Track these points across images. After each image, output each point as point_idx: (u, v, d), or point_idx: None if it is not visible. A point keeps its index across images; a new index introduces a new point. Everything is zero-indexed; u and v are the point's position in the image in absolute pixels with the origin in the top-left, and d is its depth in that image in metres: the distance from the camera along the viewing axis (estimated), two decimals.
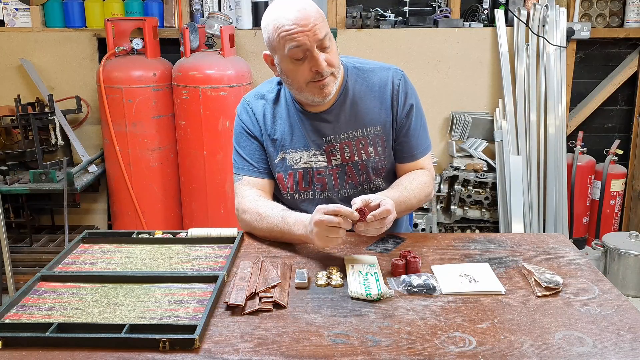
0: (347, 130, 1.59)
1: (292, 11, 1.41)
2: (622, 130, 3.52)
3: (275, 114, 1.63)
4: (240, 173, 1.64)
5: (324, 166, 1.61)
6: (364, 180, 1.63)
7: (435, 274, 1.33)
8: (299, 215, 1.46)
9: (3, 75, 3.32)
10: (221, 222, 2.99)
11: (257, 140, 1.64)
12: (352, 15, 3.22)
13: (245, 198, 1.59)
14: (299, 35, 1.40)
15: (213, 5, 3.26)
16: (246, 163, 1.64)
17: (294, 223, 1.45)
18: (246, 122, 1.64)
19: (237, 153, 1.66)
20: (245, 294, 1.20)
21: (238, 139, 1.66)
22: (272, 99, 1.64)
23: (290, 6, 1.42)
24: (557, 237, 1.56)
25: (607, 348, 1.04)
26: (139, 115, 2.98)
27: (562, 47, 3.19)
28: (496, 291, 1.25)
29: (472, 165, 3.18)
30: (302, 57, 1.43)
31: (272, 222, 1.50)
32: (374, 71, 1.63)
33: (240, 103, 1.68)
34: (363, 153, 1.60)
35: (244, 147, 1.64)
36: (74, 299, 1.22)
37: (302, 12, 1.41)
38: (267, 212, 1.52)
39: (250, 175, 1.63)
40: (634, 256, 2.81)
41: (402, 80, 1.61)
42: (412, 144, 1.64)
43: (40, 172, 2.88)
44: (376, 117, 1.60)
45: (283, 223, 1.47)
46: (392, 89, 1.60)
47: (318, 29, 1.41)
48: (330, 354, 1.02)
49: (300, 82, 1.48)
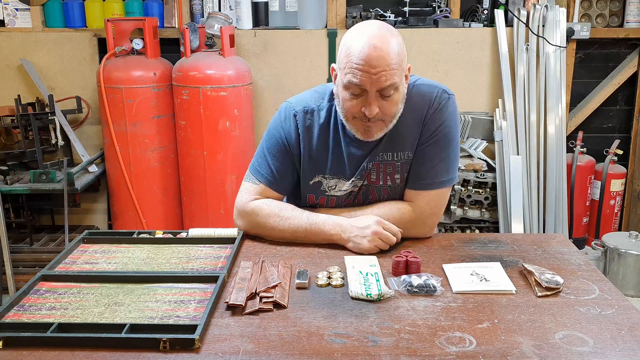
0: (381, 152, 1.53)
1: (369, 47, 1.34)
2: (622, 130, 3.52)
3: (321, 134, 1.54)
4: (260, 180, 1.57)
5: (355, 191, 1.58)
6: (382, 201, 1.59)
7: (446, 272, 1.33)
8: (329, 216, 1.50)
9: (3, 75, 3.32)
10: (221, 222, 2.99)
11: (291, 155, 1.56)
12: (352, 16, 3.22)
13: (258, 201, 1.55)
14: (362, 75, 1.34)
15: (213, 5, 3.26)
16: (272, 175, 1.57)
17: (324, 223, 1.49)
18: (288, 133, 1.55)
19: (266, 160, 1.57)
20: (245, 294, 1.20)
21: (272, 147, 1.57)
22: (322, 117, 1.54)
23: (371, 40, 1.34)
24: (557, 237, 1.56)
25: (607, 348, 1.04)
26: (139, 115, 2.98)
27: (562, 47, 3.19)
28: (507, 291, 1.24)
29: (472, 165, 3.18)
30: (357, 94, 1.39)
31: (296, 223, 1.49)
32: (420, 87, 1.52)
33: (284, 107, 1.58)
34: (389, 179, 1.55)
35: (275, 159, 1.56)
36: (75, 299, 1.22)
37: (378, 52, 1.33)
38: (288, 213, 1.51)
39: (270, 187, 1.57)
40: (634, 256, 2.81)
41: (443, 105, 1.50)
42: (420, 172, 1.53)
43: (41, 172, 2.88)
44: (410, 142, 1.52)
45: (310, 224, 1.49)
46: (428, 109, 1.50)
47: (385, 75, 1.34)
48: (331, 354, 1.02)
49: (348, 113, 1.43)
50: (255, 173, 1.59)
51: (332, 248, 1.48)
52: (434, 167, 1.52)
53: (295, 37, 3.26)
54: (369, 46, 1.34)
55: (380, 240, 1.43)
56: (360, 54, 1.34)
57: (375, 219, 1.45)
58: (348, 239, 1.46)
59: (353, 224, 1.47)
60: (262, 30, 3.26)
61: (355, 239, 1.45)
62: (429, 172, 1.52)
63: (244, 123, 3.01)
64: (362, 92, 1.38)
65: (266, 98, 3.35)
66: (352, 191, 1.58)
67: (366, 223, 1.45)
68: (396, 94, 1.40)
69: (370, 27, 1.39)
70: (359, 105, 1.40)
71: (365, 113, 1.39)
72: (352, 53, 1.36)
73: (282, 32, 3.27)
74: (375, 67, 1.33)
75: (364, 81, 1.35)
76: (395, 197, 1.58)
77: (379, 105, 1.39)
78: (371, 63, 1.33)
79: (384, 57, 1.34)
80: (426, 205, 1.53)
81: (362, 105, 1.39)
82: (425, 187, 1.53)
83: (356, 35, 1.38)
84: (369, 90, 1.36)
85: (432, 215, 1.54)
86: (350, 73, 1.36)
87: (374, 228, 1.43)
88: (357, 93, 1.38)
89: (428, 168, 1.52)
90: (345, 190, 1.57)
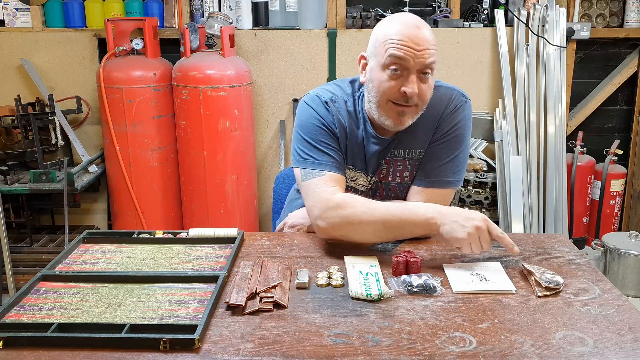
0: (393, 148, 1.53)
1: (411, 27, 1.37)
2: (622, 130, 3.52)
3: (350, 123, 1.53)
4: (321, 169, 1.48)
5: (368, 187, 1.59)
6: (389, 199, 1.60)
7: (446, 272, 1.33)
8: (420, 203, 1.44)
9: (3, 75, 3.32)
10: (221, 222, 2.99)
11: (336, 137, 1.52)
12: (352, 16, 3.23)
13: (337, 194, 1.43)
14: (407, 50, 1.35)
15: (213, 5, 3.27)
16: (330, 158, 1.49)
17: (417, 206, 1.40)
18: (325, 117, 1.51)
19: (315, 147, 1.50)
20: (245, 294, 1.20)
21: (313, 133, 1.50)
22: (349, 106, 1.53)
23: (410, 22, 1.39)
24: (558, 237, 1.56)
25: (607, 348, 1.04)
26: (139, 115, 2.98)
27: (562, 47, 3.19)
28: (507, 290, 1.24)
29: (472, 165, 3.18)
30: (398, 71, 1.38)
31: (386, 211, 1.38)
32: (439, 89, 1.52)
33: (311, 99, 1.55)
34: (398, 176, 1.55)
35: (323, 142, 1.50)
36: (75, 299, 1.22)
37: (420, 31, 1.37)
38: (373, 204, 1.40)
39: (335, 171, 1.49)
40: (634, 256, 2.81)
41: (459, 107, 1.50)
42: (427, 170, 1.52)
43: (41, 172, 2.88)
44: (422, 140, 1.52)
45: (402, 209, 1.38)
46: (445, 110, 1.50)
47: (428, 53, 1.36)
48: (331, 354, 1.02)
49: (384, 96, 1.41)
50: (316, 166, 1.49)
51: (332, 248, 1.48)
52: (441, 166, 1.52)
53: (295, 37, 3.26)
54: (410, 26, 1.37)
55: (478, 239, 1.31)
56: (403, 32, 1.36)
57: (484, 217, 1.34)
58: (445, 223, 1.34)
59: (457, 212, 1.35)
60: (262, 30, 3.26)
61: (454, 224, 1.32)
62: (435, 170, 1.53)
63: (244, 123, 3.01)
64: (402, 71, 1.37)
65: (266, 98, 3.35)
66: (367, 187, 1.58)
67: (473, 215, 1.34)
68: (432, 79, 1.41)
69: (406, 15, 1.43)
70: (398, 85, 1.39)
71: (406, 92, 1.37)
72: (392, 33, 1.37)
73: (282, 32, 3.27)
74: (418, 45, 1.35)
75: (408, 55, 1.35)
76: (402, 196, 1.58)
77: (418, 87, 1.38)
78: (415, 40, 1.35)
79: (426, 37, 1.37)
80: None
81: (400, 85, 1.38)
82: (430, 184, 1.53)
83: (391, 21, 1.41)
84: (411, 68, 1.36)
85: None
86: (393, 48, 1.36)
87: (479, 223, 1.31)
88: (398, 72, 1.37)
89: (435, 166, 1.52)
90: (364, 184, 1.57)
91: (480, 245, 1.32)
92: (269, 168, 3.45)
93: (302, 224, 1.61)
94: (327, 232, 1.44)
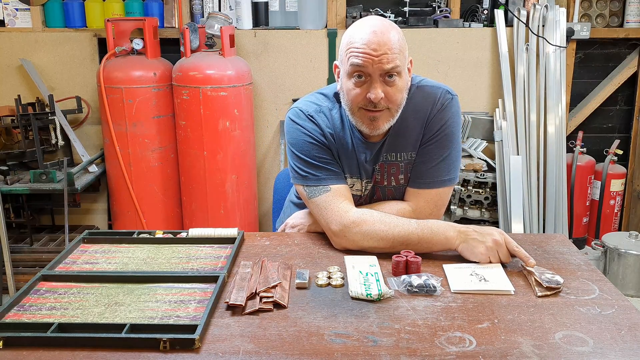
0: (384, 152, 1.53)
1: (369, 33, 1.37)
2: (621, 130, 3.52)
3: (339, 134, 1.53)
4: (324, 184, 1.49)
5: (366, 191, 1.59)
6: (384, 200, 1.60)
7: (446, 272, 1.33)
8: (438, 221, 1.43)
9: (3, 75, 3.32)
10: (221, 222, 2.99)
11: (328, 148, 1.53)
12: (352, 16, 3.22)
13: (352, 210, 1.45)
14: (364, 57, 1.36)
15: (213, 5, 3.26)
16: (329, 172, 1.51)
17: (437, 225, 1.40)
18: (313, 131, 1.51)
19: (312, 164, 1.51)
20: (245, 294, 1.20)
21: (306, 150, 1.51)
22: (334, 116, 1.53)
23: (370, 27, 1.38)
24: (558, 237, 1.56)
25: (607, 348, 1.04)
26: (139, 115, 2.98)
27: (561, 47, 3.19)
28: (505, 291, 1.24)
29: (472, 165, 3.18)
30: (362, 77, 1.39)
31: (406, 228, 1.40)
32: (424, 89, 1.53)
33: (293, 114, 1.55)
34: (393, 179, 1.56)
35: (318, 156, 1.51)
36: (75, 299, 1.22)
37: (378, 36, 1.36)
38: (391, 219, 1.42)
39: (337, 183, 1.50)
40: (634, 256, 2.81)
41: (446, 105, 1.50)
42: (421, 171, 1.53)
43: (41, 172, 2.88)
44: (413, 142, 1.52)
45: (421, 228, 1.40)
46: (432, 109, 1.50)
47: (387, 58, 1.35)
48: (331, 354, 1.02)
49: (353, 104, 1.43)
50: (317, 182, 1.50)
51: (332, 248, 1.48)
52: (435, 167, 1.52)
53: (295, 37, 3.26)
54: (370, 32, 1.37)
55: (497, 252, 1.35)
56: (362, 39, 1.37)
57: (500, 230, 1.38)
58: (463, 240, 1.37)
59: (473, 228, 1.39)
60: (262, 30, 3.26)
61: (473, 242, 1.36)
62: (429, 171, 1.53)
63: (244, 123, 3.01)
64: (365, 77, 1.39)
65: (266, 98, 3.35)
66: (362, 192, 1.59)
67: (490, 230, 1.38)
68: (400, 81, 1.41)
69: (369, 19, 1.43)
70: (364, 92, 1.40)
71: (370, 98, 1.38)
72: (354, 40, 1.38)
73: (282, 32, 3.27)
74: (376, 50, 1.36)
75: (366, 63, 1.36)
76: (399, 198, 1.58)
77: (384, 91, 1.39)
78: (372, 46, 1.36)
79: (385, 42, 1.36)
80: (426, 205, 1.54)
81: (366, 92, 1.39)
82: (426, 186, 1.54)
83: (356, 27, 1.42)
84: (372, 74, 1.37)
85: (432, 215, 1.54)
86: (353, 56, 1.38)
87: (497, 237, 1.35)
88: (362, 78, 1.39)
89: (429, 167, 1.52)
90: (359, 190, 1.58)
91: (499, 258, 1.36)
92: (269, 168, 3.45)
93: (303, 224, 1.62)
94: (344, 246, 1.46)
